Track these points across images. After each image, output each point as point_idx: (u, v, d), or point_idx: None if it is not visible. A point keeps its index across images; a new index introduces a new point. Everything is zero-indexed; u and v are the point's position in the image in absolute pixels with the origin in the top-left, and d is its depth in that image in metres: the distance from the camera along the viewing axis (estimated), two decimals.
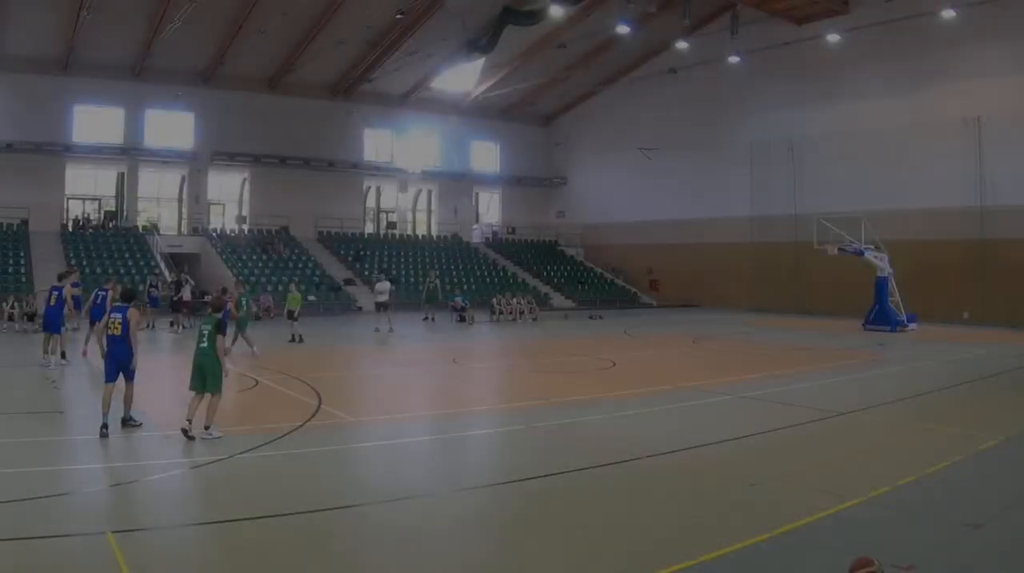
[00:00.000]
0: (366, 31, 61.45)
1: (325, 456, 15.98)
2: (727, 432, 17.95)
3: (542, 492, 13.50)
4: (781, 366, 31.00)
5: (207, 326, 17.69)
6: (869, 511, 12.38)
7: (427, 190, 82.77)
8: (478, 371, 30.78)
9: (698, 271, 70.70)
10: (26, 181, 60.83)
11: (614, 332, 46.16)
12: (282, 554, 10.37)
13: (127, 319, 17.86)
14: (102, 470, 14.50)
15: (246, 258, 63.39)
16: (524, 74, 73.16)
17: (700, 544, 10.71)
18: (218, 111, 68.01)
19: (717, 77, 66.85)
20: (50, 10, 55.07)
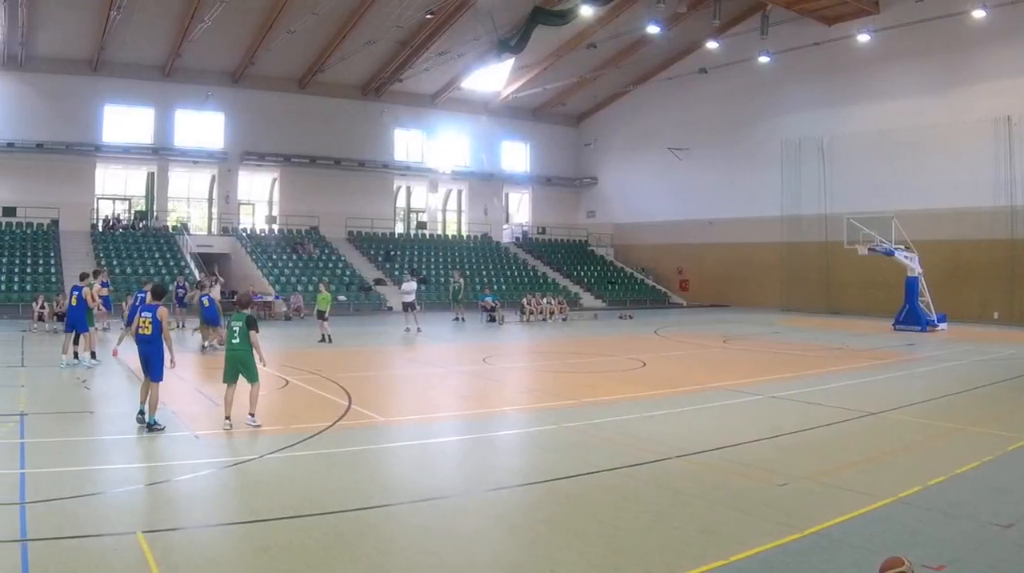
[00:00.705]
0: (396, 31, 61.42)
1: (355, 456, 15.96)
2: (757, 432, 17.95)
3: (572, 492, 13.46)
4: (811, 366, 30.89)
5: (237, 322, 18.06)
6: (899, 511, 12.37)
7: (457, 190, 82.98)
8: (508, 371, 30.70)
9: (728, 271, 70.78)
10: (56, 181, 61.27)
11: (644, 332, 46.11)
12: (312, 554, 10.37)
13: (157, 318, 18.10)
14: (132, 470, 14.51)
15: (276, 258, 63.61)
16: (554, 74, 73.16)
17: (730, 544, 10.72)
18: (248, 111, 68.27)
19: (747, 77, 66.85)
20: (80, 11, 55.39)
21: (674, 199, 75.21)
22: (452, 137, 79.83)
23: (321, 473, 14.47)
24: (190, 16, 55.77)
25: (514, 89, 76.75)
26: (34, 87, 61.23)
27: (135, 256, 59.48)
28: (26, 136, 60.63)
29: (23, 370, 26.20)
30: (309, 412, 19.45)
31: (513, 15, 62.20)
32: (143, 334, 18.17)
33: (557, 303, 55.53)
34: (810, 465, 15.13)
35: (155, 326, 18.13)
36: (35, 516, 11.42)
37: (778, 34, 62.20)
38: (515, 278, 71.66)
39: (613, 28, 64.80)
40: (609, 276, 77.37)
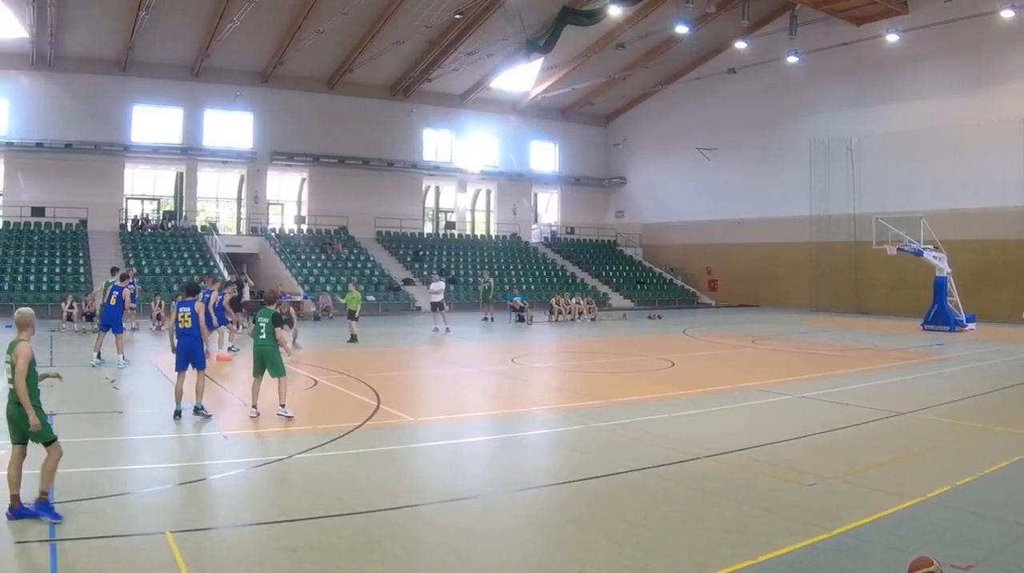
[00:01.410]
0: (425, 31, 61.49)
1: (384, 456, 15.97)
2: (786, 432, 17.94)
3: (601, 492, 13.47)
4: (840, 366, 30.83)
5: (264, 318, 18.87)
6: (928, 511, 12.38)
7: (486, 190, 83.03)
8: (537, 371, 30.67)
9: (757, 271, 70.68)
10: (85, 181, 61.58)
11: (673, 332, 46.07)
12: (340, 554, 10.41)
13: (195, 313, 19.03)
14: (161, 470, 14.56)
15: (305, 258, 63.79)
16: (583, 74, 73.13)
17: (759, 544, 10.74)
18: (277, 111, 68.46)
19: (776, 77, 66.85)
20: (109, 11, 55.60)
21: (703, 199, 75.17)
22: (481, 137, 79.96)
23: (350, 473, 14.52)
24: (219, 16, 56.00)
25: (543, 89, 76.78)
26: (63, 87, 61.51)
27: (164, 256, 59.73)
28: (55, 136, 60.92)
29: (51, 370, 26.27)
30: (338, 412, 19.51)
31: (542, 15, 62.30)
32: (184, 328, 19.03)
33: (586, 303, 55.52)
34: (839, 465, 15.12)
35: (194, 320, 19.06)
36: (64, 516, 11.46)
37: (807, 34, 62.12)
38: (544, 278, 71.71)
39: (642, 28, 64.74)
40: (638, 276, 77.34)
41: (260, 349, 19.02)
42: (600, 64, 71.04)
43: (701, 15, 62.44)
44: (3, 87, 60.75)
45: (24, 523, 11.31)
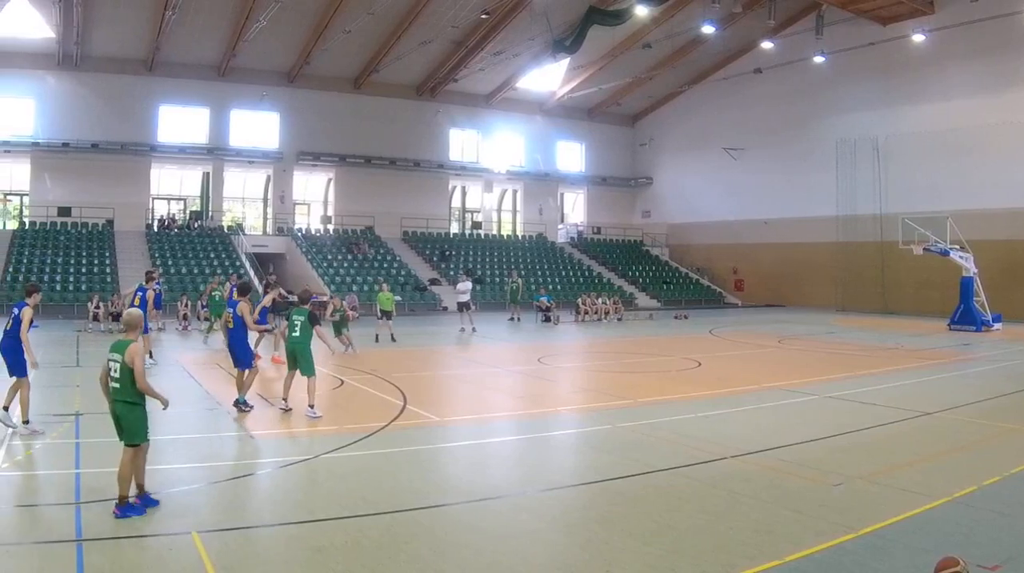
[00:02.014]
0: (451, 31, 61.53)
1: (410, 456, 15.96)
2: (812, 432, 17.92)
3: (627, 492, 13.48)
4: (866, 366, 30.79)
5: (299, 317, 19.38)
6: (955, 511, 12.39)
7: (512, 190, 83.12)
8: (563, 371, 30.64)
9: (783, 271, 70.66)
10: (112, 181, 61.84)
11: (699, 332, 46.02)
12: (367, 554, 10.44)
13: (237, 314, 19.71)
14: (188, 470, 14.58)
15: (331, 258, 63.90)
16: (609, 74, 73.12)
17: (785, 544, 10.76)
18: (303, 111, 68.67)
19: (802, 77, 66.78)
20: (135, 10, 55.80)
21: (729, 199, 75.15)
22: (507, 137, 79.99)
23: (376, 473, 14.55)
24: (245, 16, 56.19)
25: (569, 89, 76.78)
26: (89, 87, 61.74)
27: (190, 256, 59.93)
28: (81, 136, 61.17)
29: (78, 370, 26.27)
30: (364, 412, 19.54)
31: (568, 15, 62.34)
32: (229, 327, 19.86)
33: (612, 303, 55.52)
34: (865, 465, 15.12)
35: (236, 320, 19.76)
36: (90, 516, 11.57)
37: (833, 34, 62.09)
38: (570, 278, 71.73)
39: (668, 28, 64.77)
40: (664, 276, 77.28)
41: (293, 346, 19.49)
42: (626, 64, 71.02)
43: (727, 15, 62.34)
44: (30, 87, 60.96)
45: (52, 522, 11.50)
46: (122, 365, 11.83)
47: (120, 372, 11.85)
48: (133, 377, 11.84)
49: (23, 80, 60.34)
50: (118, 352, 11.91)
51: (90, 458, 14.86)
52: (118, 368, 11.86)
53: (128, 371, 11.80)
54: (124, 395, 11.89)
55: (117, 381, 11.88)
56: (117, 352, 11.93)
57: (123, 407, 11.93)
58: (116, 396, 11.93)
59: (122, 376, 11.86)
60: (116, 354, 11.92)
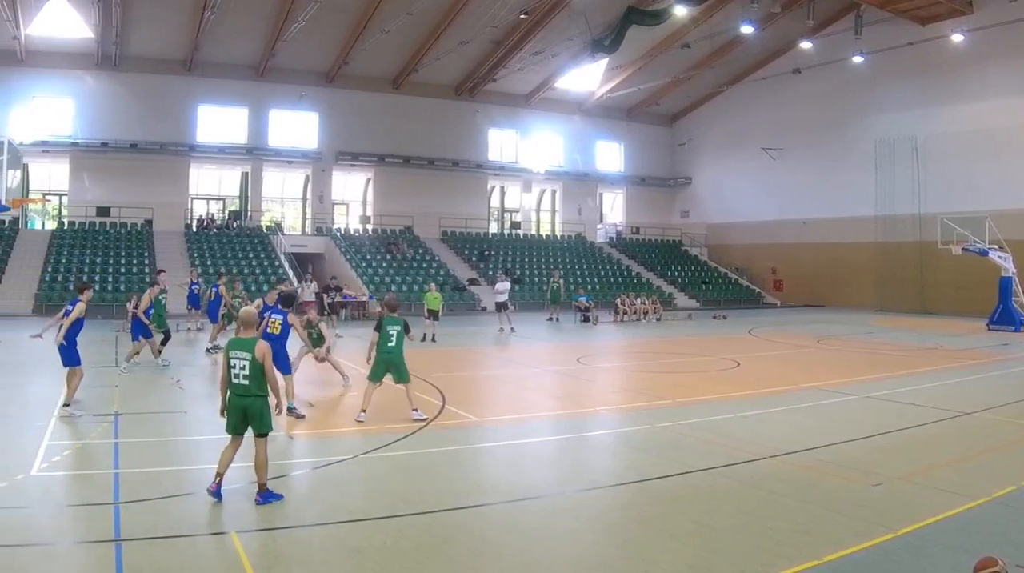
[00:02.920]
0: (490, 31, 61.60)
1: (449, 456, 16.00)
2: (851, 432, 17.88)
3: (666, 492, 13.48)
4: (905, 366, 30.73)
5: (395, 326, 19.50)
6: (994, 511, 12.37)
7: (551, 190, 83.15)
8: (602, 371, 30.62)
9: (822, 271, 70.57)
10: (150, 181, 62.32)
11: (738, 332, 45.94)
12: (405, 554, 10.46)
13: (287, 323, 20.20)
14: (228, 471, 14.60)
15: (370, 258, 64.02)
16: (648, 74, 73.10)
17: (824, 544, 10.77)
18: (342, 111, 68.87)
19: (841, 77, 66.71)
20: (174, 11, 56.19)
21: (768, 199, 75.05)
22: (546, 137, 79.99)
23: (415, 473, 14.56)
24: (284, 16, 56.46)
25: (608, 89, 76.76)
26: (128, 87, 62.13)
27: (229, 256, 60.16)
28: (120, 136, 61.57)
29: (117, 370, 26.42)
30: (403, 412, 19.53)
31: (607, 15, 62.35)
32: (271, 333, 19.46)
33: (651, 303, 55.47)
34: (904, 465, 15.12)
35: (284, 327, 20.09)
36: (129, 516, 11.63)
37: (872, 34, 62.01)
38: (609, 278, 71.67)
39: (707, 28, 64.69)
40: (703, 276, 77.24)
41: (389, 356, 19.40)
42: (665, 64, 70.99)
43: (766, 15, 62.30)
44: (69, 87, 61.42)
45: (91, 522, 11.58)
46: (252, 361, 12.42)
47: (250, 368, 12.43)
48: (262, 372, 12.46)
49: (62, 80, 60.80)
50: (245, 350, 12.51)
51: (129, 458, 14.98)
52: (247, 365, 12.43)
53: (259, 366, 12.42)
54: (254, 389, 12.49)
55: (246, 378, 12.44)
56: (244, 350, 12.52)
57: (254, 401, 12.51)
58: (245, 391, 12.47)
59: (252, 372, 12.44)
60: (243, 352, 12.50)
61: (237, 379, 12.48)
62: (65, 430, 17.29)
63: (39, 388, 21.09)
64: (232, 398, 12.58)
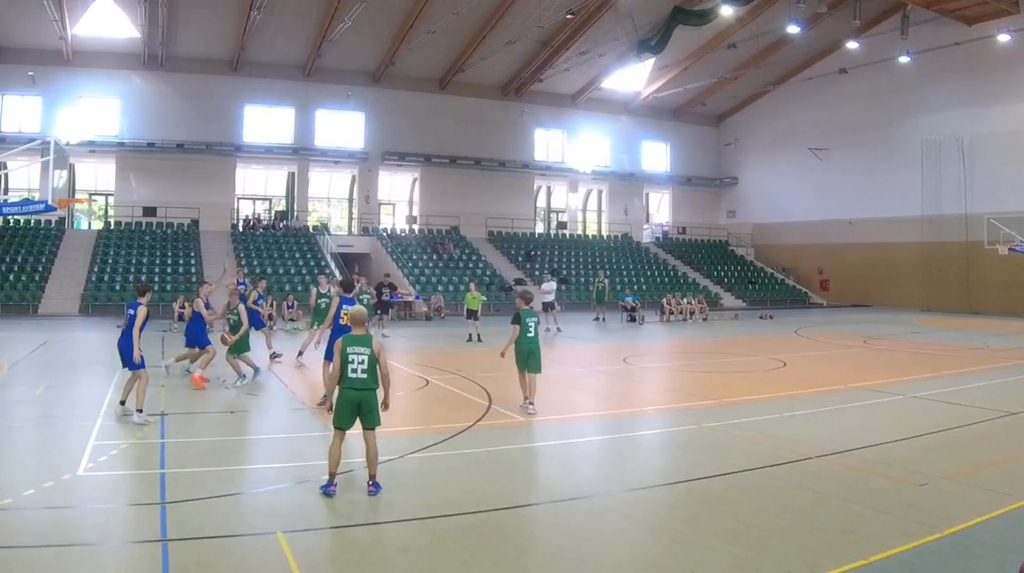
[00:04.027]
0: (537, 31, 61.81)
1: (495, 456, 16.03)
2: (897, 432, 17.85)
3: (712, 492, 13.49)
4: (951, 366, 30.63)
5: (533, 319, 20.86)
6: None
7: (597, 190, 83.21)
8: (648, 371, 30.66)
9: (868, 271, 70.53)
10: (197, 181, 63.12)
11: (784, 332, 45.93)
12: (452, 554, 10.48)
13: None
14: (272, 470, 14.75)
15: (416, 258, 64.25)
16: (694, 74, 73.08)
17: (870, 544, 10.77)
18: (388, 111, 69.24)
19: (887, 77, 66.62)
20: (220, 11, 56.80)
21: (814, 199, 75.06)
22: (592, 137, 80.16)
23: (461, 473, 14.59)
24: (330, 16, 56.84)
25: (654, 89, 76.81)
26: (174, 87, 62.73)
27: (275, 256, 60.51)
28: (167, 136, 62.24)
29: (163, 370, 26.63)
30: (449, 412, 19.64)
31: (653, 15, 62.34)
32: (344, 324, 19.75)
33: (697, 303, 55.51)
34: (950, 465, 15.11)
35: None
36: (175, 516, 11.70)
37: (918, 34, 61.93)
38: (655, 278, 71.62)
39: (753, 28, 64.62)
40: (749, 276, 77.20)
41: (530, 346, 20.75)
42: (711, 64, 70.99)
43: (812, 15, 62.24)
44: (115, 87, 62.10)
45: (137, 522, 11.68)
46: (370, 356, 12.95)
47: (368, 363, 12.93)
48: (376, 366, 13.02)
49: (109, 80, 61.44)
50: (363, 345, 13.05)
51: (175, 458, 15.09)
52: (366, 360, 12.95)
53: (375, 361, 12.97)
54: (371, 383, 13.01)
55: (364, 372, 12.94)
56: (362, 346, 13.06)
57: (370, 394, 13.01)
58: (363, 385, 12.95)
59: (370, 367, 12.96)
60: (362, 347, 13.03)
61: (355, 374, 12.91)
62: (111, 430, 17.44)
63: (86, 388, 21.22)
64: (347, 393, 12.94)
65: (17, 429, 17.77)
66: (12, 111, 61.47)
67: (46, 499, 12.39)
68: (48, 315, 47.92)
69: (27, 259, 55.04)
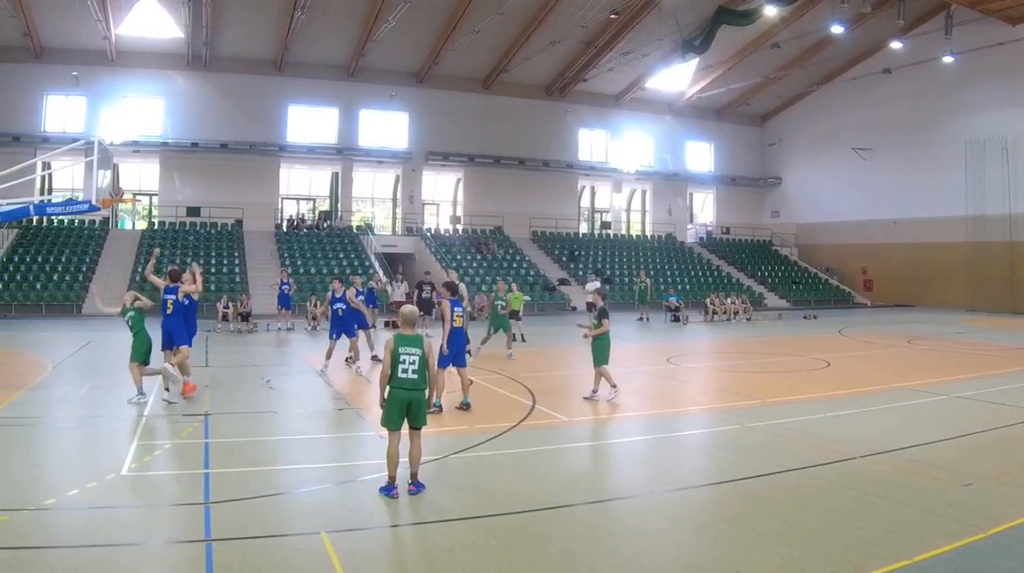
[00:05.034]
0: (580, 31, 61.93)
1: (539, 456, 16.02)
2: (941, 432, 17.84)
3: (756, 492, 13.51)
4: (996, 366, 30.49)
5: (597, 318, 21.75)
6: None
7: (641, 190, 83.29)
8: (692, 371, 30.62)
9: (912, 271, 70.44)
10: (241, 181, 63.61)
11: (828, 332, 45.80)
12: (496, 554, 10.51)
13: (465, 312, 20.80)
14: (316, 470, 14.82)
15: (460, 258, 64.23)
16: (738, 74, 73.05)
17: (915, 544, 10.79)
18: (432, 111, 69.55)
19: (931, 77, 66.48)
20: (264, 11, 57.19)
21: (858, 199, 74.90)
22: (636, 137, 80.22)
23: (505, 473, 14.63)
24: (374, 16, 57.11)
25: (698, 89, 76.79)
26: (218, 87, 63.21)
27: (319, 256, 60.85)
28: (210, 136, 62.83)
29: (208, 370, 26.49)
30: (493, 412, 19.68)
31: (697, 15, 62.32)
32: (457, 326, 20.38)
33: (741, 303, 55.44)
34: (995, 465, 15.08)
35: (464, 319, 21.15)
36: (219, 516, 11.79)
37: (962, 34, 61.73)
38: (699, 278, 71.57)
39: (797, 28, 64.53)
40: (793, 276, 77.04)
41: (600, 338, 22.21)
42: (755, 64, 70.91)
43: (856, 15, 62.04)
44: (159, 87, 62.74)
45: (181, 522, 11.80)
46: (422, 358, 13.13)
47: (419, 364, 13.10)
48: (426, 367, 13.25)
49: (153, 80, 62.01)
50: (416, 346, 13.21)
51: (219, 458, 15.19)
52: (417, 360, 13.11)
53: (425, 362, 13.15)
54: (421, 384, 13.17)
55: (415, 373, 13.10)
56: (415, 346, 13.21)
57: (419, 395, 13.17)
58: (414, 386, 13.10)
59: (421, 367, 13.12)
60: (414, 348, 13.19)
61: (406, 374, 13.03)
62: (155, 430, 17.69)
63: (129, 388, 21.38)
64: (397, 393, 13.04)
65: (61, 429, 17.95)
66: (56, 111, 62.03)
67: (90, 499, 12.53)
68: (92, 315, 48.15)
69: (71, 259, 55.56)
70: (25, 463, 14.81)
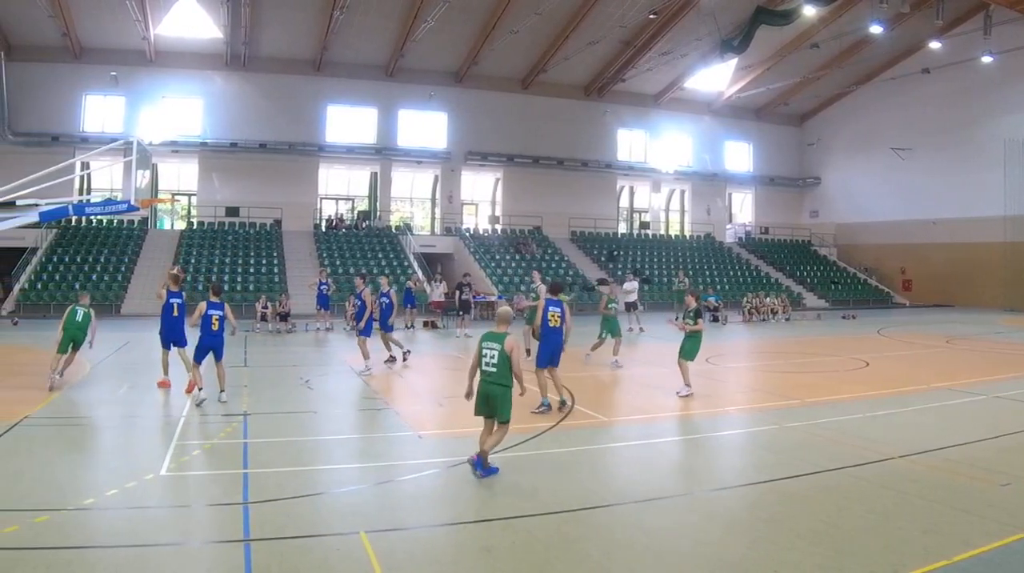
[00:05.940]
0: (619, 31, 62.00)
1: (578, 456, 16.09)
2: (980, 432, 17.84)
3: (794, 492, 13.55)
4: None
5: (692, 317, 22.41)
6: None
7: (680, 190, 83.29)
8: (730, 371, 30.63)
9: (951, 271, 70.22)
10: (279, 181, 64.01)
11: (867, 332, 45.70)
12: (535, 554, 10.60)
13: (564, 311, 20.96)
14: (355, 470, 14.95)
15: (499, 258, 64.35)
16: (777, 74, 72.90)
17: (953, 544, 10.83)
18: (471, 111, 69.69)
19: (970, 77, 66.29)
20: (303, 11, 57.57)
21: (897, 199, 74.76)
22: (674, 137, 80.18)
23: (544, 473, 14.62)
24: (413, 16, 57.33)
25: (737, 89, 76.73)
26: (257, 87, 63.54)
27: (358, 256, 60.95)
28: (249, 136, 63.18)
29: (246, 370, 26.85)
30: (532, 412, 19.76)
31: (736, 15, 62.27)
32: (554, 326, 20.77)
33: (780, 303, 55.37)
34: None
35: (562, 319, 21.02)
36: (258, 516, 11.92)
37: (1001, 34, 61.50)
38: (738, 278, 71.48)
39: (836, 28, 64.39)
40: (832, 276, 76.83)
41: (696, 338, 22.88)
42: (794, 64, 70.79)
43: (895, 15, 61.84)
44: (198, 87, 63.24)
45: (220, 522, 11.96)
46: (501, 352, 13.69)
47: (498, 358, 13.68)
48: (510, 363, 13.69)
49: (191, 80, 62.48)
50: (497, 342, 13.85)
51: (258, 458, 15.35)
52: (496, 355, 13.72)
53: (506, 358, 13.89)
54: (500, 379, 13.78)
55: (494, 366, 13.72)
56: (496, 342, 13.87)
57: (498, 389, 13.77)
58: (492, 379, 13.75)
59: (500, 362, 13.70)
60: (495, 343, 13.85)
61: (487, 366, 13.78)
62: (194, 430, 17.84)
63: (168, 388, 21.54)
64: (481, 384, 13.85)
65: (101, 429, 18.30)
66: (95, 111, 62.59)
67: (129, 499, 12.68)
68: (131, 315, 48.45)
69: (110, 259, 55.93)
70: (64, 463, 15.02)
